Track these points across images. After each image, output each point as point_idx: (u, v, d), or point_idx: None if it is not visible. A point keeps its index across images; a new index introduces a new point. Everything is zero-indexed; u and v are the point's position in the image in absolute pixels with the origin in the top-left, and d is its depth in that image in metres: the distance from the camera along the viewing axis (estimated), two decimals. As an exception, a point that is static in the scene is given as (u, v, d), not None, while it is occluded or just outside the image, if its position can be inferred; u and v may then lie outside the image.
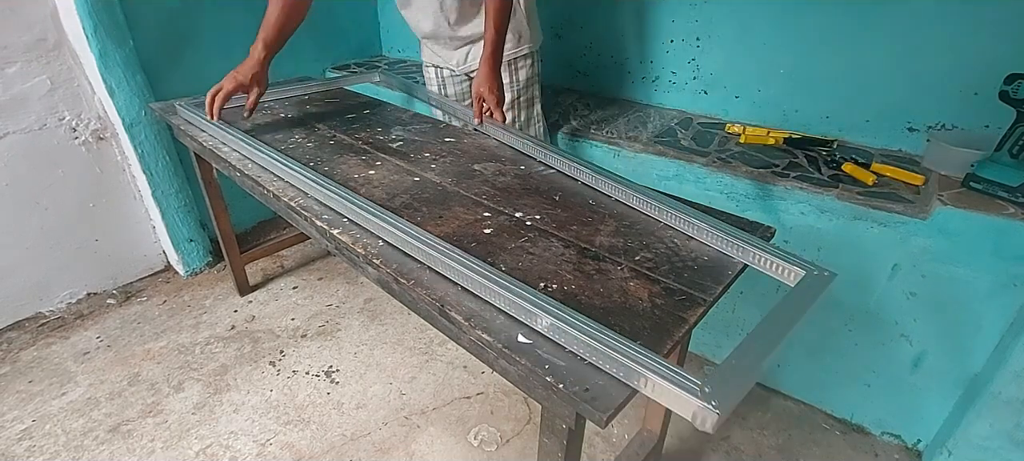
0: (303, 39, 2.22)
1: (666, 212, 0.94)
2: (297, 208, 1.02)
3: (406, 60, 2.44)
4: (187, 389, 1.53)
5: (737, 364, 0.62)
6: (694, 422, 0.57)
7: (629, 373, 0.61)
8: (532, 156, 1.21)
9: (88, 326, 1.78)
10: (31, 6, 1.54)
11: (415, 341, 1.71)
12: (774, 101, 1.51)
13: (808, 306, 0.71)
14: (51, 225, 1.75)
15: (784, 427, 1.43)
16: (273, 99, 1.66)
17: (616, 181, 1.02)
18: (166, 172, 1.83)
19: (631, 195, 0.99)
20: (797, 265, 0.80)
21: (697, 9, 1.56)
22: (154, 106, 1.57)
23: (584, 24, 1.82)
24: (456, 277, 0.78)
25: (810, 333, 1.39)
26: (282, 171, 1.09)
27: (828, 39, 1.38)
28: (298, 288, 1.97)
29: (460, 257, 0.79)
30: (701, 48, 1.60)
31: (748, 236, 0.85)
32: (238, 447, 1.36)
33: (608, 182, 1.03)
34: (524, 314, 0.70)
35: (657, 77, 1.73)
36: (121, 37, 1.61)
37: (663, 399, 0.60)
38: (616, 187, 1.02)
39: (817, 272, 0.78)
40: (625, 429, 1.42)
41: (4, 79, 1.55)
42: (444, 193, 1.06)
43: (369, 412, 1.46)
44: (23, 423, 1.43)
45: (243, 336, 1.73)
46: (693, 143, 1.47)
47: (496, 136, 1.31)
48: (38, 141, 1.65)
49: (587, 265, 0.83)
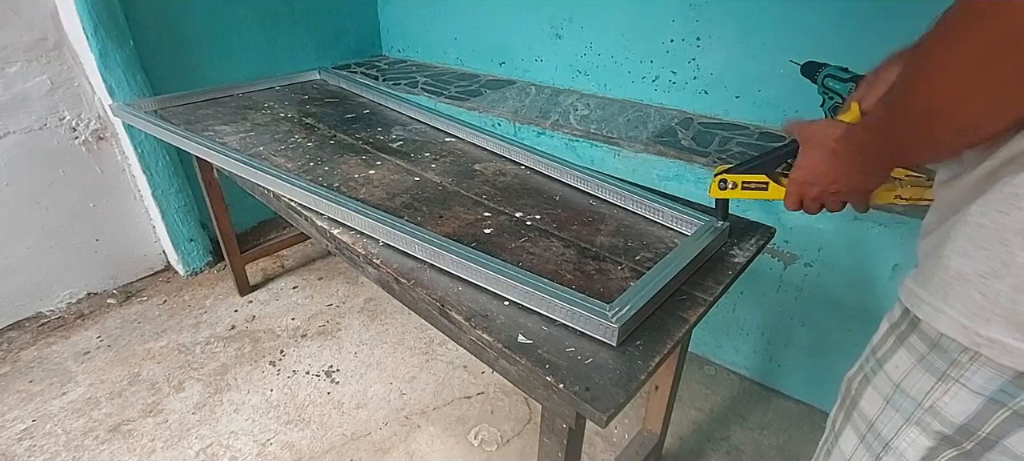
0: (303, 39, 2.24)
1: (663, 212, 0.94)
2: (297, 208, 1.02)
3: (406, 60, 2.45)
4: (187, 389, 1.53)
5: (635, 289, 0.72)
6: (599, 334, 0.68)
7: (550, 305, 0.71)
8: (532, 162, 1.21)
9: (88, 326, 1.78)
10: (31, 6, 1.54)
11: (415, 341, 1.71)
12: (774, 101, 1.51)
13: (698, 249, 0.81)
14: (51, 225, 1.75)
15: (784, 427, 1.43)
16: (273, 99, 1.66)
17: (614, 185, 1.02)
18: (166, 172, 1.83)
19: (628, 198, 1.00)
20: (692, 217, 0.91)
21: (697, 9, 1.56)
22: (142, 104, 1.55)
23: (584, 24, 1.82)
24: (457, 269, 0.79)
25: (810, 333, 1.40)
26: (283, 187, 1.08)
27: (829, 39, 1.37)
28: (298, 288, 1.97)
29: (461, 250, 0.80)
30: (701, 48, 1.60)
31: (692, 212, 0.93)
32: (238, 447, 1.36)
33: (608, 188, 1.03)
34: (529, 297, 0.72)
35: (657, 77, 1.73)
36: (121, 37, 1.61)
37: (578, 323, 0.70)
38: (614, 192, 1.02)
39: (711, 224, 0.88)
40: (625, 429, 1.42)
41: (4, 79, 1.55)
42: (444, 193, 1.06)
43: (369, 412, 1.46)
44: (23, 423, 1.43)
45: (243, 336, 1.73)
46: (693, 143, 1.47)
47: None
48: (38, 141, 1.65)
49: (588, 265, 0.83)
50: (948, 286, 0.43)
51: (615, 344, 0.66)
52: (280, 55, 2.15)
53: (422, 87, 2.01)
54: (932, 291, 0.45)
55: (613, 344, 0.66)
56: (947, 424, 0.45)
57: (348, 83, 1.79)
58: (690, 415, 1.47)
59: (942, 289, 0.44)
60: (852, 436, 0.55)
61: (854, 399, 0.55)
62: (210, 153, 1.21)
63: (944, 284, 0.44)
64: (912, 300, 0.47)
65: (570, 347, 0.67)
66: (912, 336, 0.48)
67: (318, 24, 2.26)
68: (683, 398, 1.51)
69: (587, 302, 0.69)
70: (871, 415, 0.52)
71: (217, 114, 1.51)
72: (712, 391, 1.55)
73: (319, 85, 1.83)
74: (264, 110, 1.56)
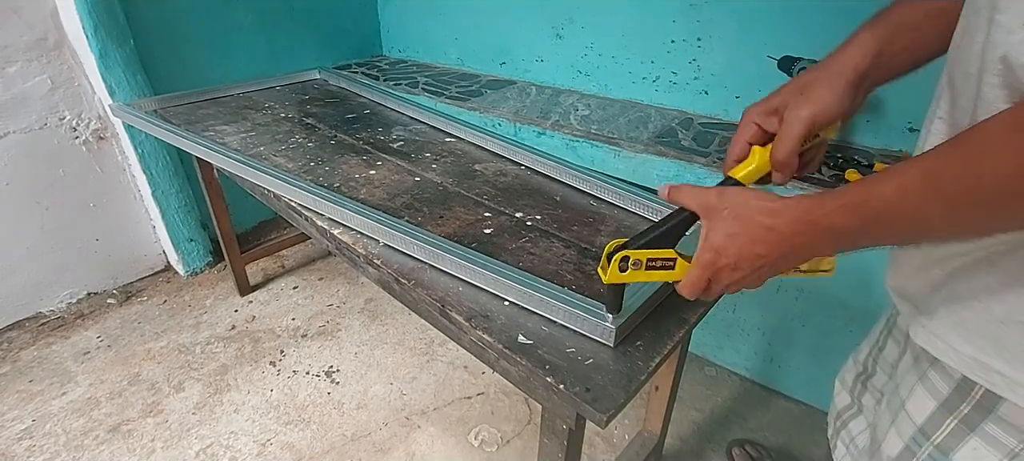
0: (303, 39, 2.24)
1: (663, 212, 0.94)
2: (297, 208, 1.02)
3: (407, 60, 2.45)
4: (187, 389, 1.53)
5: (634, 290, 0.70)
6: (597, 336, 0.68)
7: (548, 307, 0.72)
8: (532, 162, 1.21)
9: (88, 326, 1.78)
10: (31, 6, 1.54)
11: (416, 341, 1.71)
12: (775, 101, 1.51)
13: None
14: (51, 225, 1.75)
15: (784, 427, 1.43)
16: (273, 99, 1.66)
17: (615, 186, 1.02)
18: (166, 172, 1.83)
19: (629, 199, 0.99)
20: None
21: (698, 9, 1.56)
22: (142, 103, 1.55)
23: (585, 24, 1.82)
24: (457, 270, 0.79)
25: (810, 333, 1.39)
26: (283, 187, 1.08)
27: (829, 39, 1.37)
28: (299, 288, 1.97)
29: (460, 251, 0.79)
30: (702, 48, 1.60)
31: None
32: (238, 447, 1.36)
33: (609, 188, 1.03)
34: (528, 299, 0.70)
35: (658, 77, 1.73)
36: (121, 37, 1.61)
37: (576, 325, 0.70)
38: (614, 192, 1.02)
39: None
40: (625, 429, 1.42)
41: (5, 79, 1.55)
42: (445, 193, 1.06)
43: (370, 412, 1.46)
44: (23, 423, 1.42)
45: (243, 336, 1.73)
46: (694, 143, 1.47)
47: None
48: (39, 141, 1.65)
49: (588, 265, 0.83)
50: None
51: (613, 345, 0.66)
52: (280, 55, 2.15)
53: (423, 87, 2.01)
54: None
55: (611, 345, 0.66)
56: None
57: (348, 83, 1.79)
58: (690, 415, 1.47)
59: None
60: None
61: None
62: (210, 153, 1.21)
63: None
64: (987, 376, 0.39)
65: (570, 348, 0.67)
66: (989, 424, 0.40)
67: (318, 24, 2.26)
68: (683, 398, 1.51)
69: (585, 303, 0.69)
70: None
71: (217, 114, 1.51)
72: (712, 391, 1.54)
73: (319, 85, 1.83)
74: (264, 110, 1.56)
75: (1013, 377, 0.38)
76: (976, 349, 0.40)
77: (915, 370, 0.48)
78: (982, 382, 0.40)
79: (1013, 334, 0.38)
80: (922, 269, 0.48)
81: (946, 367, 0.43)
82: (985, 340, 0.40)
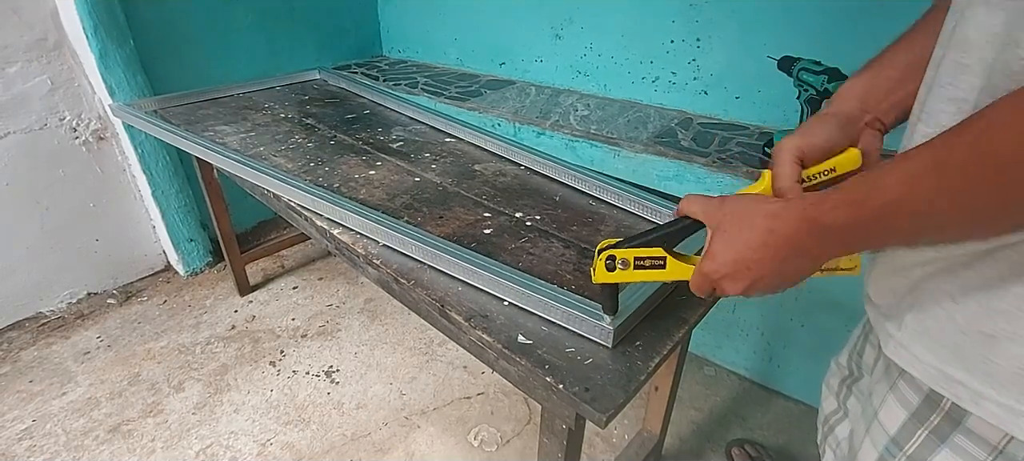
0: (303, 39, 2.24)
1: (663, 212, 0.94)
2: (297, 208, 1.02)
3: (406, 60, 2.45)
4: (187, 389, 1.53)
5: (633, 290, 0.71)
6: (595, 336, 0.68)
7: (547, 307, 0.72)
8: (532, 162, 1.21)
9: (88, 326, 1.78)
10: (31, 6, 1.55)
11: (415, 341, 1.71)
12: (774, 101, 1.51)
13: None
14: (51, 225, 1.75)
15: (784, 427, 1.43)
16: (273, 99, 1.66)
17: (614, 186, 1.02)
18: (166, 172, 1.83)
19: (628, 199, 1.00)
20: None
21: (697, 10, 1.56)
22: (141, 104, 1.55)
23: (585, 24, 1.82)
24: (456, 271, 0.79)
25: (810, 333, 1.39)
26: (283, 187, 1.09)
27: (829, 39, 1.37)
28: (298, 288, 1.97)
29: (459, 252, 0.80)
30: (701, 48, 1.60)
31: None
32: (238, 447, 1.36)
33: (608, 188, 1.03)
34: (526, 300, 0.70)
35: (657, 77, 1.73)
36: (121, 37, 1.62)
37: (575, 325, 0.70)
38: (614, 192, 1.02)
39: None
40: (625, 429, 1.42)
41: (4, 79, 1.55)
42: (444, 193, 1.06)
43: (369, 412, 1.46)
44: (23, 423, 1.43)
45: (243, 336, 1.73)
46: (693, 143, 1.47)
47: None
48: (39, 141, 1.65)
49: (588, 265, 0.83)
50: (1017, 379, 0.35)
51: (611, 346, 0.67)
52: (280, 55, 2.16)
53: (422, 87, 2.01)
54: (988, 382, 0.36)
55: (609, 346, 0.67)
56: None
57: (348, 83, 1.79)
58: (690, 415, 1.47)
59: (1008, 381, 0.36)
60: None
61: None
62: (210, 153, 1.21)
63: (1012, 376, 0.35)
64: (951, 388, 0.39)
65: (570, 347, 0.67)
66: (958, 436, 0.40)
67: (318, 24, 2.26)
68: (683, 398, 1.51)
69: (583, 304, 0.69)
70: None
71: (217, 114, 1.52)
72: (712, 391, 1.55)
73: (319, 85, 1.83)
74: (264, 110, 1.56)
75: (975, 389, 0.38)
76: (940, 360, 0.40)
77: (886, 379, 0.48)
78: (946, 394, 0.39)
79: (974, 345, 0.38)
80: (888, 277, 0.47)
81: (914, 377, 0.43)
82: (947, 350, 0.39)
